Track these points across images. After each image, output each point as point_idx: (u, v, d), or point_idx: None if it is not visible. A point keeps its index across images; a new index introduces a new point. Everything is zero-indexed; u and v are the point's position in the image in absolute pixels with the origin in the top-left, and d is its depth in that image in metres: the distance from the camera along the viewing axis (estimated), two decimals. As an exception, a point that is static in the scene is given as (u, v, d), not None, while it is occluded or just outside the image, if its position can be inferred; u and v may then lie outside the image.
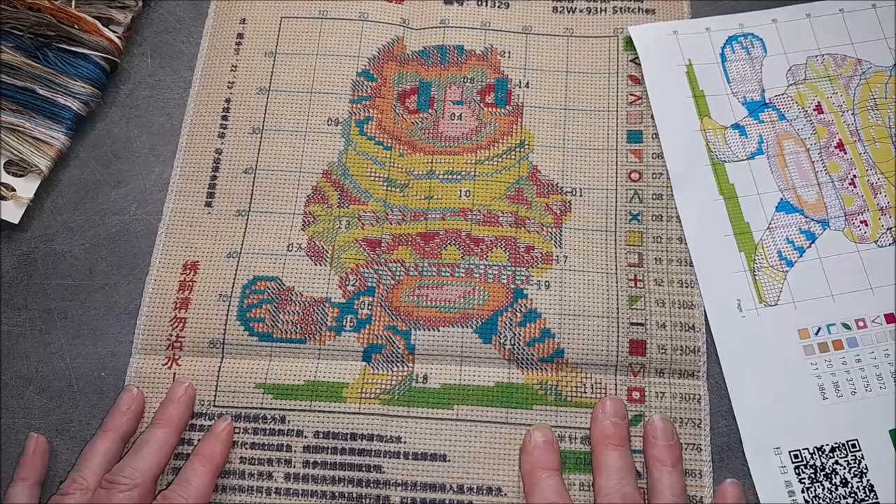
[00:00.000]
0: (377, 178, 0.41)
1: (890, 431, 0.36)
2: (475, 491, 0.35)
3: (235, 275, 0.39)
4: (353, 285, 0.38)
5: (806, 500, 0.35)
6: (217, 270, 0.39)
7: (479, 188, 0.40)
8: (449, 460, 0.35)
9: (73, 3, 0.42)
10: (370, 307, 0.38)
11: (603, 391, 0.36)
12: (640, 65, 0.42)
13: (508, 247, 0.39)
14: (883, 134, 0.41)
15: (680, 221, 0.39)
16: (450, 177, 0.40)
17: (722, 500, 0.35)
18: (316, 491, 0.35)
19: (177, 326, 0.38)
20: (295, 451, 0.36)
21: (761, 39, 0.43)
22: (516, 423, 0.36)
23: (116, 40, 0.42)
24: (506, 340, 0.37)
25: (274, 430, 0.36)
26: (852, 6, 0.43)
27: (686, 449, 0.35)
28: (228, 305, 0.38)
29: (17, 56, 0.41)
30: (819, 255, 0.39)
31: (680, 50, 0.43)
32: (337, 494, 0.35)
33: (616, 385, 0.37)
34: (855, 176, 0.41)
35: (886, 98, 0.42)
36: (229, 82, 0.42)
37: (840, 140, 0.41)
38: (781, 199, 0.40)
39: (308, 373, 0.37)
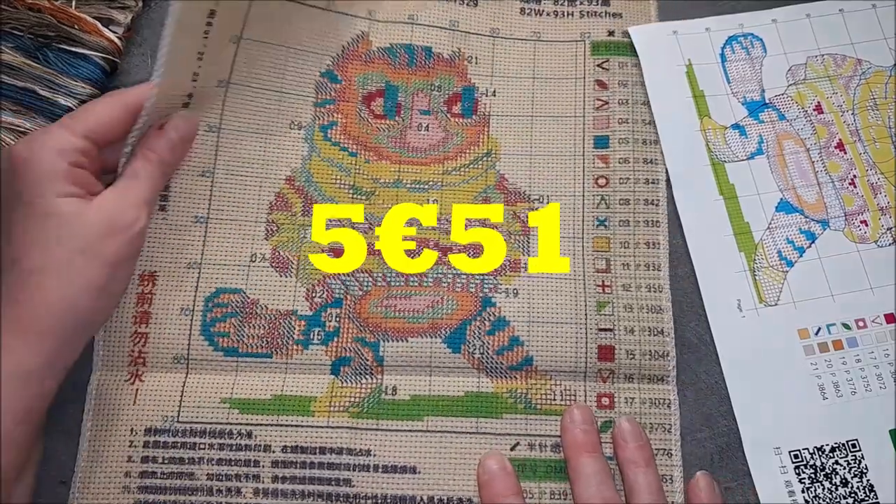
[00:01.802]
0: (342, 186, 0.39)
1: (890, 431, 0.36)
2: (445, 502, 0.35)
3: (197, 287, 0.37)
4: (319, 297, 0.38)
5: (806, 500, 0.35)
6: (177, 282, 0.37)
7: (446, 197, 0.40)
8: (419, 472, 0.35)
9: (73, 3, 0.42)
10: (338, 319, 0.37)
11: (572, 398, 0.36)
12: (607, 69, 0.42)
13: (476, 252, 0.39)
14: (883, 134, 0.41)
15: (648, 226, 0.39)
16: (417, 186, 0.40)
17: (695, 493, 0.35)
18: None
19: (138, 342, 0.36)
20: (263, 467, 0.35)
21: (761, 39, 0.43)
22: (486, 433, 0.36)
23: (116, 40, 0.42)
24: (475, 350, 0.37)
25: (241, 445, 0.35)
26: (852, 6, 0.43)
27: (657, 454, 0.35)
28: (191, 319, 0.37)
29: (17, 56, 0.41)
30: (819, 255, 0.39)
31: (680, 50, 0.43)
32: None
33: (585, 391, 0.36)
34: (855, 176, 0.41)
35: (886, 98, 0.42)
36: (194, 73, 0.37)
37: (840, 140, 0.41)
38: (781, 199, 0.40)
39: (275, 387, 0.36)
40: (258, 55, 0.40)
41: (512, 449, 0.36)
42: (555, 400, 0.36)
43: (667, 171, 0.40)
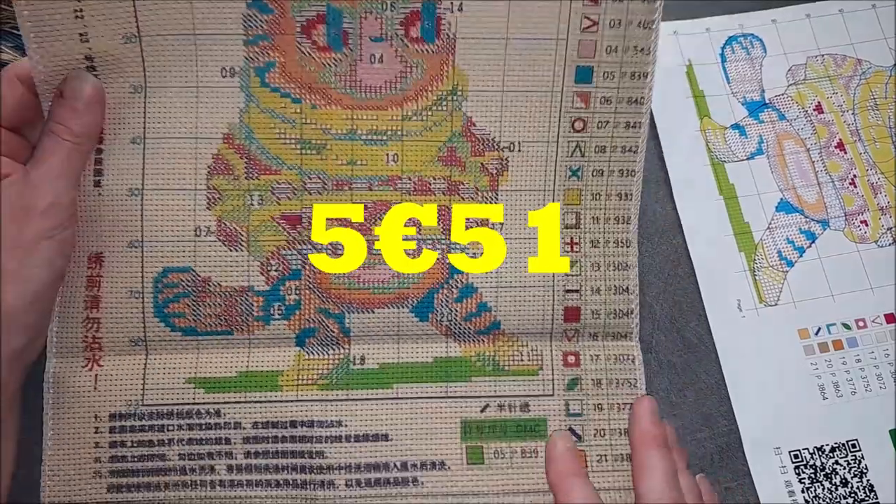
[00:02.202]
0: (288, 140, 0.35)
1: (890, 431, 0.36)
2: (419, 467, 0.35)
3: (143, 267, 0.35)
4: (275, 270, 0.35)
5: (806, 500, 0.35)
6: (122, 263, 0.35)
7: (407, 151, 0.36)
8: (391, 439, 0.35)
9: (73, 3, 0.42)
10: (298, 291, 0.35)
11: (539, 357, 0.36)
12: None
13: (442, 217, 0.36)
14: (883, 134, 0.41)
15: (623, 176, 0.36)
16: (374, 138, 0.35)
17: (637, 415, 0.35)
18: (261, 480, 0.34)
19: (91, 327, 0.34)
20: (235, 444, 0.34)
21: (761, 40, 0.43)
22: (456, 397, 0.36)
23: (116, 40, 0.42)
24: (443, 317, 0.36)
25: (210, 423, 0.35)
26: (852, 6, 0.43)
27: (623, 409, 0.35)
28: (142, 302, 0.35)
29: (17, 56, 0.41)
30: (819, 255, 0.39)
31: (680, 50, 0.43)
32: (282, 482, 0.34)
33: (552, 351, 0.36)
34: (855, 176, 0.41)
35: (886, 98, 0.42)
36: (80, 34, 0.33)
37: (840, 140, 0.41)
38: (781, 199, 0.40)
39: (240, 364, 0.35)
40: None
41: (482, 411, 0.35)
42: (522, 360, 0.36)
43: (651, 114, 0.38)
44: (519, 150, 0.36)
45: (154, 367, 0.35)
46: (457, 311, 0.36)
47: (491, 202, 0.36)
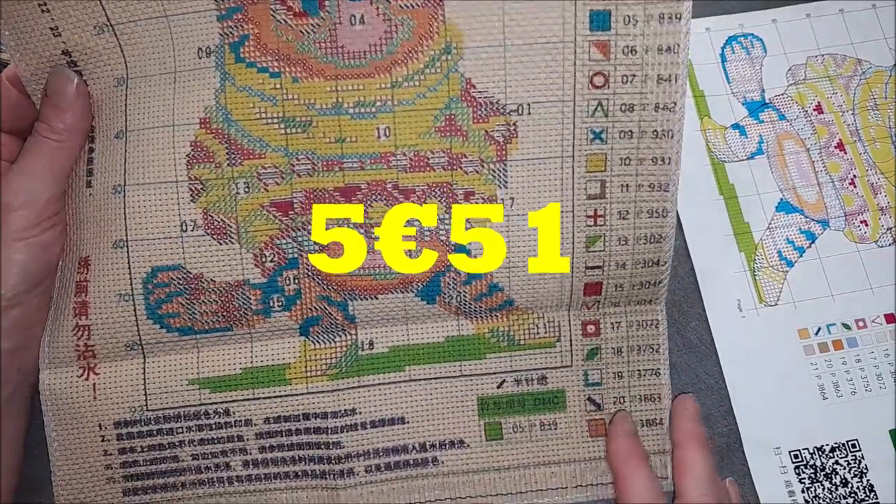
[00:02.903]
0: (271, 120, 0.32)
1: (890, 431, 0.36)
2: (438, 447, 0.34)
3: (130, 269, 0.32)
4: (271, 261, 0.33)
5: (806, 500, 0.35)
6: (108, 266, 0.32)
7: (400, 123, 0.32)
8: (408, 422, 0.34)
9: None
10: (297, 280, 0.33)
11: (556, 328, 0.34)
12: None
13: (444, 195, 0.33)
14: (883, 134, 0.41)
15: (657, 137, 0.31)
16: (362, 111, 0.32)
17: (681, 413, 0.34)
18: (279, 473, 0.34)
19: (82, 335, 0.33)
20: (248, 441, 0.33)
21: (761, 39, 0.43)
22: (471, 375, 0.34)
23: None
24: (451, 299, 0.34)
25: (220, 423, 0.33)
26: (852, 6, 0.43)
27: (644, 375, 0.35)
28: (133, 305, 0.32)
29: (17, 56, 0.40)
30: (819, 255, 0.39)
31: (680, 50, 0.43)
32: (300, 473, 0.34)
33: (570, 321, 0.34)
34: (855, 176, 0.41)
35: (886, 98, 0.42)
36: (51, 28, 0.31)
37: (840, 140, 0.41)
38: (781, 199, 0.40)
39: (243, 360, 0.34)
40: None
41: (499, 387, 0.35)
42: (538, 333, 0.34)
43: (690, 63, 0.32)
44: (529, 113, 0.32)
45: (154, 371, 0.33)
46: (466, 292, 0.34)
47: (499, 175, 0.32)
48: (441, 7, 0.31)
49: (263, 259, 0.33)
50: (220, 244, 0.33)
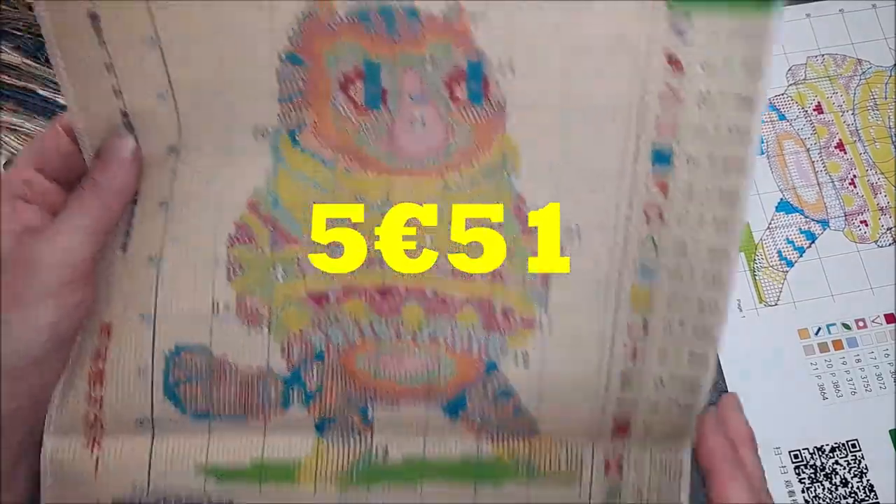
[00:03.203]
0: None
1: (890, 431, 0.36)
2: None
3: (154, 344, 0.32)
4: (297, 352, 0.32)
5: (806, 500, 0.35)
6: (131, 337, 0.32)
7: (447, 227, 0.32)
8: None
9: (73, 3, 0.42)
10: (320, 376, 0.32)
11: (578, 462, 0.32)
12: (685, 39, 0.28)
13: (482, 308, 0.32)
14: (883, 134, 0.41)
15: (708, 282, 0.30)
16: None
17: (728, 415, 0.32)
18: None
19: (93, 404, 0.31)
20: None
21: (761, 39, 0.43)
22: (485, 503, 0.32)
23: (116, 40, 0.42)
24: (475, 417, 0.32)
25: None
26: (852, 6, 0.43)
27: None
28: (151, 381, 0.31)
29: (17, 56, 0.41)
30: (819, 255, 0.39)
31: (680, 50, 0.43)
32: None
33: (593, 455, 0.32)
34: (855, 176, 0.41)
35: (886, 98, 0.42)
36: (113, 88, 0.31)
37: (840, 140, 0.41)
38: (781, 199, 0.40)
39: (254, 451, 0.32)
40: (194, 54, 0.31)
41: None
42: (560, 465, 0.32)
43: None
44: (579, 238, 0.31)
45: (161, 452, 0.32)
46: (491, 412, 0.32)
47: (541, 295, 0.31)
48: (503, 120, 0.30)
49: (290, 350, 0.32)
50: (250, 329, 0.32)
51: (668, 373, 0.31)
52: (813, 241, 0.39)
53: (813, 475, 0.36)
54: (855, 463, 0.36)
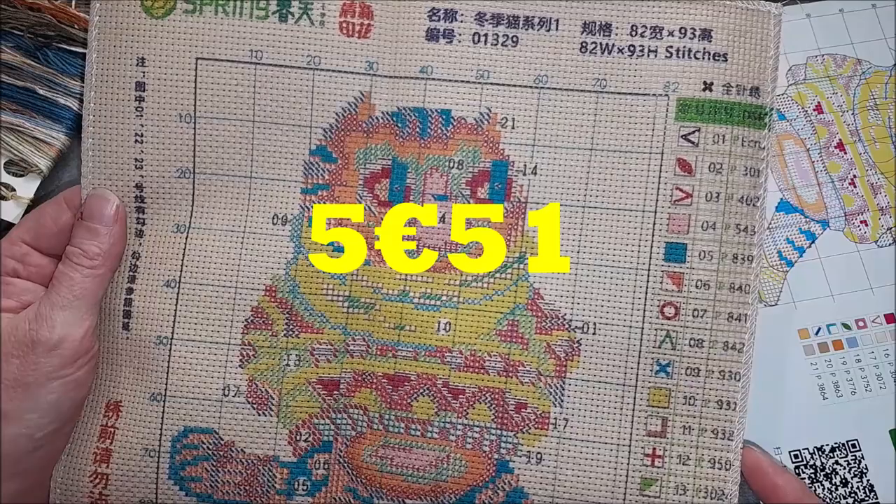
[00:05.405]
0: (336, 297, 0.32)
1: (890, 431, 0.36)
2: None
3: (162, 424, 0.31)
4: (305, 441, 0.32)
5: (806, 500, 0.35)
6: (140, 417, 0.31)
7: (462, 320, 0.32)
8: None
9: (73, 3, 0.42)
10: (326, 466, 0.32)
11: None
12: (695, 144, 0.31)
13: (495, 402, 0.31)
14: (883, 134, 0.41)
15: (724, 378, 0.31)
16: (427, 302, 0.32)
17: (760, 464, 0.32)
18: None
19: (98, 483, 0.31)
20: None
21: (761, 39, 0.43)
22: None
23: (116, 40, 0.42)
24: None
25: None
26: (852, 6, 0.43)
27: None
28: (157, 463, 0.31)
29: (17, 56, 0.41)
30: (819, 255, 0.39)
31: (680, 50, 0.43)
32: None
33: None
34: (855, 176, 0.41)
35: (886, 98, 0.42)
36: (136, 160, 0.31)
37: (840, 140, 0.41)
38: (781, 199, 0.40)
39: None
40: (226, 136, 0.32)
41: None
42: None
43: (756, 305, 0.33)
44: (594, 333, 0.31)
45: None
46: None
47: (556, 391, 0.31)
48: (523, 217, 0.32)
49: (298, 437, 0.32)
50: (259, 415, 0.32)
51: (690, 478, 0.31)
52: (813, 241, 0.39)
53: (813, 475, 0.36)
54: (855, 463, 0.36)
